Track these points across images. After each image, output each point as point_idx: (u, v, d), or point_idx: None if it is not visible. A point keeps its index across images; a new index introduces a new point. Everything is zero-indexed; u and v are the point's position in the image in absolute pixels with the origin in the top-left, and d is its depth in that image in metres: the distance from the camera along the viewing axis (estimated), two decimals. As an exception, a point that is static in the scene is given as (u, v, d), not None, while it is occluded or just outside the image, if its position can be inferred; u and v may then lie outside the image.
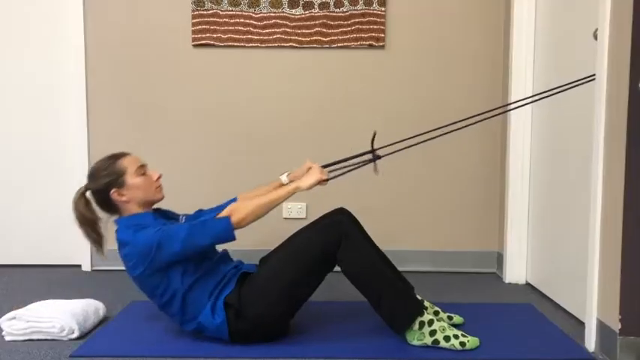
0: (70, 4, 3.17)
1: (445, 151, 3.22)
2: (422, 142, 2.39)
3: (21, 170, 3.30)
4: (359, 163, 2.33)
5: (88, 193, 2.17)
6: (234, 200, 2.36)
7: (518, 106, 2.42)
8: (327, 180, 2.20)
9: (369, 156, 2.33)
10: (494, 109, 2.49)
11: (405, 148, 2.40)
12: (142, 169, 2.18)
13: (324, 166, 2.27)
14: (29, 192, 3.31)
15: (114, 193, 2.13)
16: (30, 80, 3.27)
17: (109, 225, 2.22)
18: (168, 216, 2.30)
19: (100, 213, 2.20)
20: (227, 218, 2.05)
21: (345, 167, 2.33)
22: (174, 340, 2.19)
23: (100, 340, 2.20)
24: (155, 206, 2.26)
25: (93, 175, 2.17)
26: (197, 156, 3.24)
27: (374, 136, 2.28)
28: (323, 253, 2.11)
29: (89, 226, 2.17)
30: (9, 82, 3.27)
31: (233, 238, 2.07)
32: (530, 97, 2.37)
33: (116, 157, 2.19)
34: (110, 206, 2.17)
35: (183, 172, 3.25)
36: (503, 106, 2.79)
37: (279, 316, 2.13)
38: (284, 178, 2.31)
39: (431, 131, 2.42)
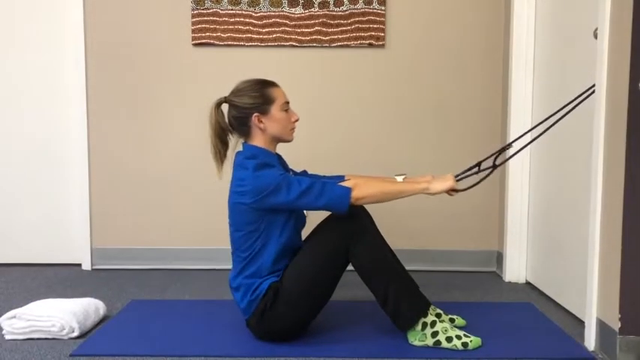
0: (70, 3, 3.17)
1: (445, 150, 3.22)
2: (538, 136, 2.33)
3: (21, 169, 3.30)
4: (485, 175, 2.30)
5: (225, 106, 2.14)
6: (342, 177, 2.33)
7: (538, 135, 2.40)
8: (458, 191, 2.19)
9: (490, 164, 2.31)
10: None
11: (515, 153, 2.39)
12: (286, 105, 2.16)
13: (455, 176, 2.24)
14: (29, 191, 3.31)
15: (255, 117, 2.10)
16: (30, 80, 3.26)
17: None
18: (283, 165, 2.28)
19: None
20: (349, 189, 2.03)
21: (470, 176, 2.32)
22: (175, 339, 2.19)
23: (101, 339, 2.20)
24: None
25: (240, 91, 2.13)
26: (197, 155, 3.23)
27: (504, 150, 2.26)
28: (337, 248, 2.10)
29: (220, 136, 2.14)
30: (9, 82, 3.27)
31: (345, 210, 2.05)
32: (540, 124, 2.35)
33: (268, 83, 2.16)
34: (243, 126, 2.13)
35: (183, 171, 3.25)
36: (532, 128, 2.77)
37: (298, 319, 2.12)
38: (399, 179, 2.24)
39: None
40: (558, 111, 2.27)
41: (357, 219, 2.13)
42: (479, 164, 2.32)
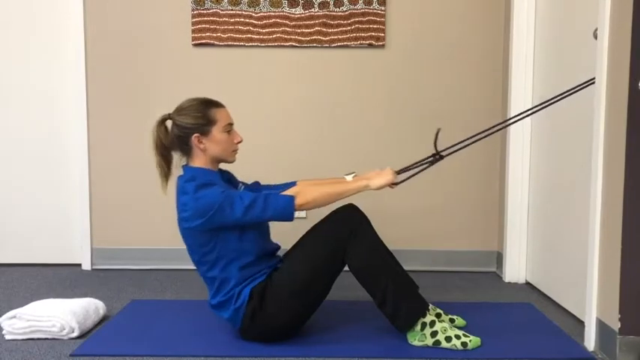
0: (70, 3, 3.17)
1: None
2: (484, 137, 2.38)
3: (21, 170, 3.30)
4: (424, 164, 2.31)
5: (169, 123, 2.14)
6: (293, 183, 2.33)
7: (525, 117, 2.42)
8: (397, 184, 2.19)
9: (432, 156, 2.31)
10: (517, 116, 2.49)
11: (467, 145, 2.39)
12: (229, 127, 2.15)
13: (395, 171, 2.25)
14: (29, 191, 3.31)
15: (195, 138, 2.09)
16: (30, 80, 3.26)
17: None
18: (230, 180, 2.27)
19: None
20: (292, 197, 2.04)
21: (412, 169, 2.32)
22: (175, 339, 2.19)
23: (100, 339, 2.20)
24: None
25: (183, 110, 2.11)
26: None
27: (437, 136, 2.25)
28: (334, 249, 2.10)
29: (163, 154, 2.13)
30: (9, 82, 3.27)
31: (291, 218, 2.05)
32: (532, 109, 2.36)
33: (212, 104, 2.14)
34: (184, 145, 2.12)
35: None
36: (514, 116, 2.78)
37: (292, 318, 2.12)
38: (349, 178, 2.24)
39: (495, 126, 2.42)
40: (556, 97, 2.28)
41: (354, 220, 2.13)
42: (428, 158, 2.32)
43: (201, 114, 2.10)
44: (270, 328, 2.11)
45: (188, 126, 2.09)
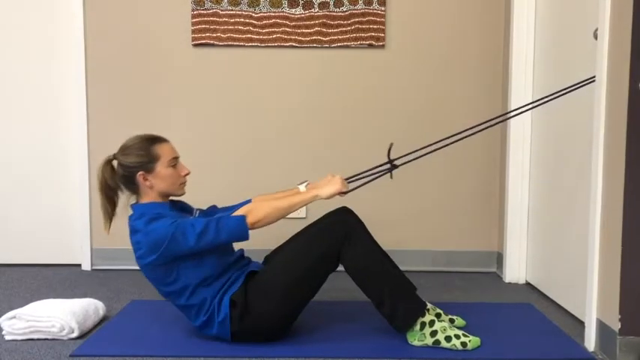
0: (70, 3, 3.17)
1: (445, 151, 3.21)
2: (437, 149, 2.39)
3: (21, 170, 3.30)
4: (377, 173, 2.32)
5: (115, 163, 2.15)
6: (248, 201, 2.35)
7: (523, 112, 2.42)
8: (347, 192, 2.19)
9: (387, 166, 2.31)
10: (501, 116, 2.49)
11: (420, 157, 2.41)
12: (174, 161, 2.15)
13: (346, 179, 2.25)
14: (29, 191, 3.31)
15: (140, 176, 2.10)
16: (30, 80, 3.26)
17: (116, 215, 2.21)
18: (183, 208, 2.27)
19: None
20: (243, 217, 2.04)
21: (364, 178, 2.32)
22: (175, 339, 2.19)
23: (100, 339, 2.20)
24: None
25: (126, 149, 2.12)
26: (196, 156, 3.23)
27: (390, 147, 2.26)
28: (326, 252, 2.11)
29: (107, 195, 2.14)
30: (9, 82, 3.27)
31: (247, 238, 2.06)
32: (532, 103, 2.37)
33: (155, 140, 2.14)
34: (130, 184, 2.13)
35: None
36: (514, 110, 2.78)
37: (282, 317, 2.13)
38: (302, 188, 2.26)
39: (444, 139, 2.42)
40: (555, 94, 2.28)
41: (347, 223, 2.13)
42: (382, 166, 2.32)
43: (144, 152, 2.11)
44: (262, 328, 2.11)
45: (132, 165, 2.10)
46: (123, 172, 2.12)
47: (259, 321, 2.10)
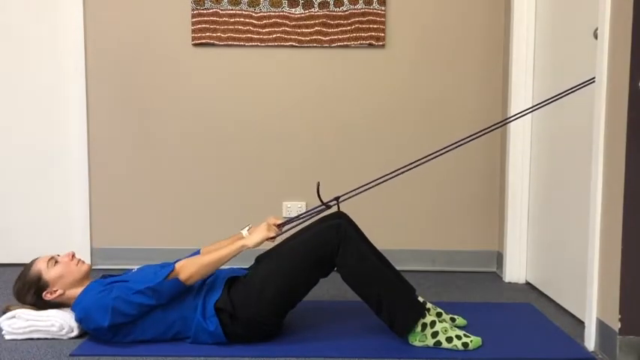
0: (70, 3, 3.17)
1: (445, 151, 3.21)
2: (381, 182, 2.33)
3: (21, 169, 3.30)
4: (310, 213, 2.28)
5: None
6: (196, 253, 2.34)
7: (522, 115, 2.42)
8: (275, 237, 2.19)
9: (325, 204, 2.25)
10: (500, 122, 2.49)
11: (363, 191, 2.33)
12: (52, 261, 2.21)
13: (283, 223, 2.23)
14: (29, 191, 3.31)
15: (46, 295, 2.17)
16: (30, 79, 3.26)
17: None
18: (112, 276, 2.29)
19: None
20: (176, 280, 2.07)
21: (301, 217, 2.28)
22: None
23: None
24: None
25: (19, 295, 2.20)
26: (196, 155, 3.24)
27: (318, 188, 2.22)
28: (320, 257, 2.11)
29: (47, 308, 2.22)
30: (9, 82, 3.27)
31: (186, 289, 2.11)
32: (533, 107, 2.36)
33: (26, 267, 2.22)
34: (55, 305, 2.20)
35: (182, 171, 3.25)
36: (511, 116, 2.78)
37: (272, 316, 2.13)
38: (244, 232, 2.24)
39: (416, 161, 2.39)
40: (555, 97, 2.28)
41: (341, 229, 2.12)
42: (309, 211, 2.29)
43: (28, 285, 2.18)
44: (252, 330, 2.12)
45: (35, 299, 2.18)
46: (41, 307, 2.21)
47: (249, 325, 2.10)
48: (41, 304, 2.19)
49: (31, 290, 2.17)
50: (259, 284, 2.10)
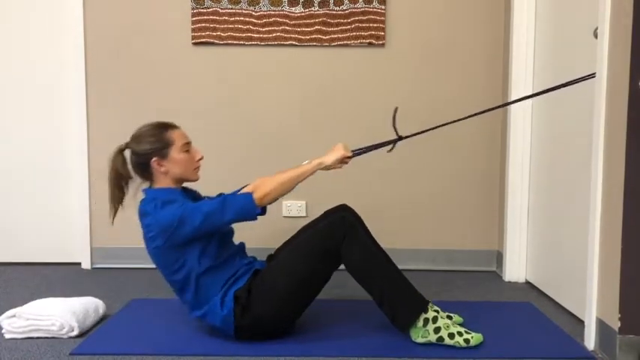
0: (70, 2, 3.17)
1: (445, 150, 3.22)
2: (441, 125, 2.42)
3: (21, 168, 3.30)
4: (382, 142, 2.32)
5: (127, 152, 2.15)
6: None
7: (520, 100, 2.41)
8: (350, 157, 2.20)
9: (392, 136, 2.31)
10: (503, 104, 2.49)
11: (426, 131, 2.42)
12: (187, 146, 2.16)
13: (354, 151, 2.25)
14: (29, 190, 3.31)
15: (154, 162, 2.11)
16: (29, 79, 3.26)
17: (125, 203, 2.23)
18: (194, 196, 2.27)
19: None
20: (249, 194, 2.05)
21: (368, 148, 2.32)
22: (175, 338, 2.19)
23: (100, 338, 2.20)
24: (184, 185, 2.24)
25: (139, 137, 2.14)
26: (197, 154, 3.23)
27: (395, 114, 2.25)
28: (328, 250, 2.11)
29: (118, 184, 2.16)
30: (9, 82, 3.27)
31: (255, 216, 2.07)
32: (531, 95, 2.36)
33: (166, 126, 2.16)
34: (144, 172, 2.15)
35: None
36: (511, 102, 2.78)
37: (285, 316, 2.13)
38: (305, 163, 2.24)
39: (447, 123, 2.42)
40: (556, 87, 2.27)
41: (346, 220, 2.13)
42: (387, 141, 2.33)
43: (157, 138, 2.12)
44: (263, 325, 2.12)
45: (146, 152, 2.11)
46: (137, 160, 2.14)
47: (260, 320, 2.10)
48: (140, 159, 2.12)
49: (151, 145, 2.10)
50: (272, 282, 2.10)
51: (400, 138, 2.31)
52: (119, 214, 3.24)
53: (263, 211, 2.14)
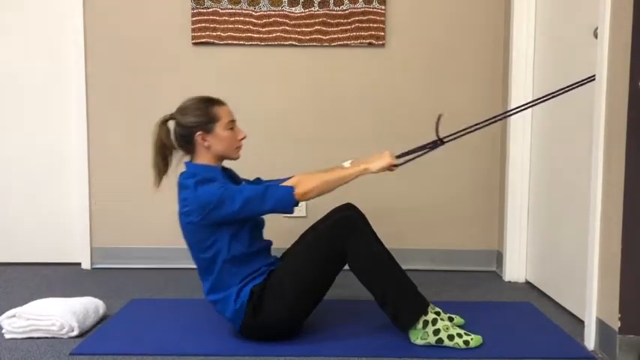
0: (70, 2, 3.17)
1: (445, 150, 3.21)
2: (481, 126, 2.42)
3: (21, 168, 3.30)
4: (425, 150, 2.33)
5: (171, 124, 2.14)
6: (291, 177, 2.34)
7: (522, 109, 2.42)
8: (397, 166, 2.20)
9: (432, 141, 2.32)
10: (507, 112, 2.49)
11: (468, 132, 2.41)
12: (232, 124, 2.15)
13: (400, 156, 2.26)
14: (29, 190, 3.31)
15: (199, 136, 2.10)
16: (29, 79, 3.26)
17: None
18: (232, 176, 2.27)
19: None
20: (291, 188, 2.04)
21: (412, 151, 2.32)
22: (175, 338, 2.19)
23: (100, 338, 2.20)
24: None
25: (185, 109, 2.12)
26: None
27: (439, 120, 2.24)
28: (334, 249, 2.10)
29: (162, 153, 2.14)
30: (9, 82, 3.27)
31: (292, 210, 2.06)
32: (532, 102, 2.36)
33: (213, 102, 2.15)
34: (187, 144, 2.13)
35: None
36: (514, 109, 2.78)
37: (294, 317, 2.13)
38: (347, 165, 2.24)
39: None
40: (556, 92, 2.28)
41: (351, 219, 2.13)
42: (429, 145, 2.33)
43: (204, 112, 2.11)
44: (271, 327, 2.11)
45: (191, 124, 2.10)
46: (181, 132, 2.12)
47: (268, 320, 2.09)
48: (185, 131, 2.10)
49: (197, 118, 2.09)
50: (280, 283, 2.09)
51: (442, 142, 2.30)
52: (119, 214, 3.27)
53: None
